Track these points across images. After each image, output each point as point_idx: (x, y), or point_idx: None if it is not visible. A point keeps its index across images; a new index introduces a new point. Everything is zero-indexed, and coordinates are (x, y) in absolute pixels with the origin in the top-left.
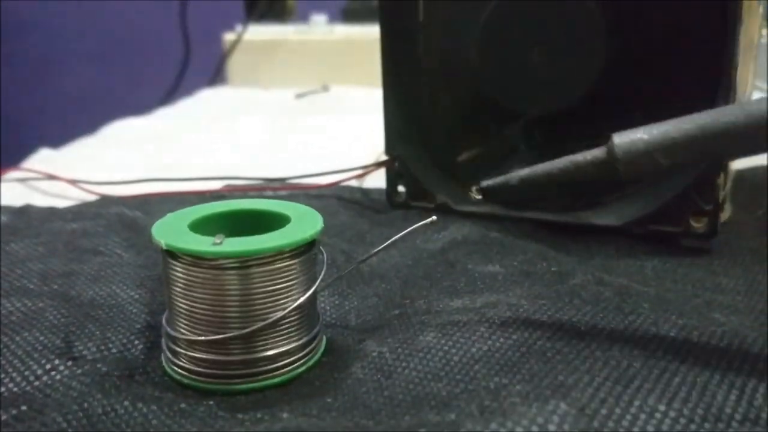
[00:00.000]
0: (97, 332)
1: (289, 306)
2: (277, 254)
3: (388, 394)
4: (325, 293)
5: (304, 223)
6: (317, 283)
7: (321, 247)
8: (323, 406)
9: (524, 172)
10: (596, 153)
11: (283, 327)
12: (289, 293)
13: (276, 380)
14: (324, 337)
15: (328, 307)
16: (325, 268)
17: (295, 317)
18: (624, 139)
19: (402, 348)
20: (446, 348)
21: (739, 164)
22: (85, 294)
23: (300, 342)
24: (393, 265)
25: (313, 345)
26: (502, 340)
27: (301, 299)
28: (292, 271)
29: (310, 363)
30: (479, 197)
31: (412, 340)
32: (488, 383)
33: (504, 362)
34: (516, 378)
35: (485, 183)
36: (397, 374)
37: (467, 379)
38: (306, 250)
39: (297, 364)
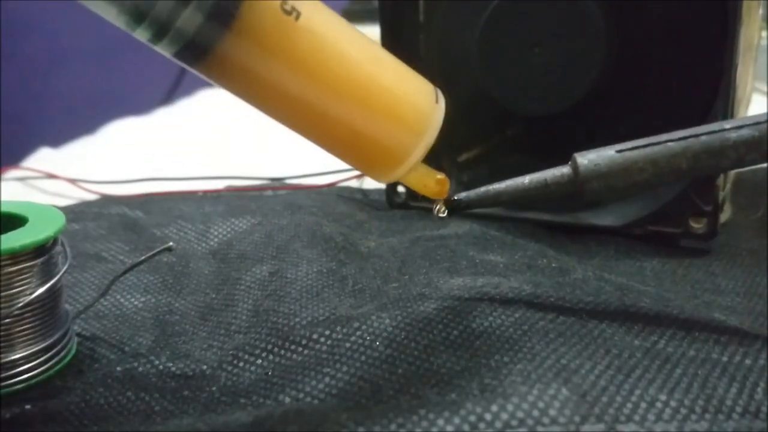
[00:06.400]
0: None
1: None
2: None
3: (387, 367)
4: (323, 260)
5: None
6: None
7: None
8: (322, 380)
9: (498, 186)
10: (562, 170)
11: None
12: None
13: (17, 387)
14: (74, 340)
15: (324, 269)
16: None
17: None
18: (587, 158)
19: (402, 316)
20: (446, 321)
21: None
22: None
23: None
24: (390, 247)
25: (57, 349)
26: (503, 317)
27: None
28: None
29: (58, 367)
30: (443, 214)
31: (412, 310)
32: (489, 360)
33: (505, 339)
34: (517, 356)
35: (461, 195)
36: (397, 343)
37: (468, 356)
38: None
39: (40, 369)
